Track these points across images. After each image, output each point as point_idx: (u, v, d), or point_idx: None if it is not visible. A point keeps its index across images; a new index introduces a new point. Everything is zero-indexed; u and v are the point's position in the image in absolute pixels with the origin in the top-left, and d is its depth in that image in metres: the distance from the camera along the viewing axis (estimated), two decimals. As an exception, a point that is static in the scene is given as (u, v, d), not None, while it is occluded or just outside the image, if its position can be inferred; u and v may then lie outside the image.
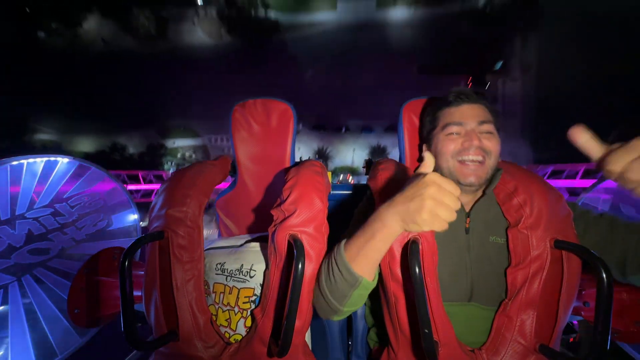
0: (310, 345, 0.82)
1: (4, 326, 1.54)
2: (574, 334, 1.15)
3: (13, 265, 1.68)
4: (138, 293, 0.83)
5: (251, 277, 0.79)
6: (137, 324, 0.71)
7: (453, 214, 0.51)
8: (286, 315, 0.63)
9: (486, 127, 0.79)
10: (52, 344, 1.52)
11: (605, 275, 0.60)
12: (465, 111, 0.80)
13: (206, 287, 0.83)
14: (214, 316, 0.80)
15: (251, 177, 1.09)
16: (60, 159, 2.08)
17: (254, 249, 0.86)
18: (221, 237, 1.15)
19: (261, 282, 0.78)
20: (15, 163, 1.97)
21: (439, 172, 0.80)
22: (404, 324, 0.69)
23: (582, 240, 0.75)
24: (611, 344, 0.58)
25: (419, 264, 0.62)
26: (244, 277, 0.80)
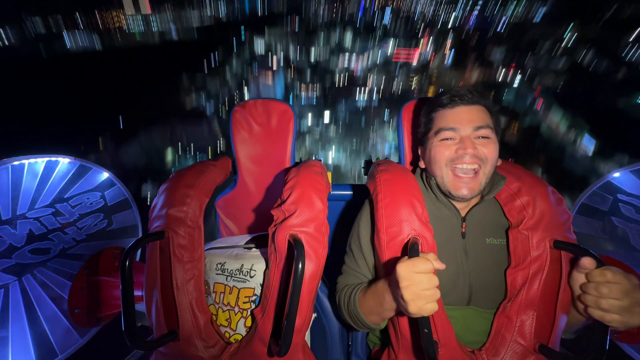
0: (310, 345, 0.83)
1: (4, 326, 1.54)
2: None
3: (14, 264, 1.69)
4: (138, 293, 0.83)
5: (251, 277, 0.79)
6: (138, 324, 0.71)
7: (436, 293, 0.55)
8: (286, 315, 0.63)
9: (482, 132, 0.74)
10: (52, 343, 1.52)
11: None
12: (460, 114, 0.76)
13: (206, 287, 0.83)
14: (214, 316, 0.80)
15: (251, 178, 1.10)
16: (62, 159, 2.09)
17: (254, 250, 0.86)
18: (221, 237, 1.16)
19: (261, 282, 0.78)
20: (16, 163, 1.98)
21: (432, 180, 0.81)
22: (404, 325, 0.69)
23: None
24: (611, 344, 0.59)
25: None
26: (244, 277, 0.80)
